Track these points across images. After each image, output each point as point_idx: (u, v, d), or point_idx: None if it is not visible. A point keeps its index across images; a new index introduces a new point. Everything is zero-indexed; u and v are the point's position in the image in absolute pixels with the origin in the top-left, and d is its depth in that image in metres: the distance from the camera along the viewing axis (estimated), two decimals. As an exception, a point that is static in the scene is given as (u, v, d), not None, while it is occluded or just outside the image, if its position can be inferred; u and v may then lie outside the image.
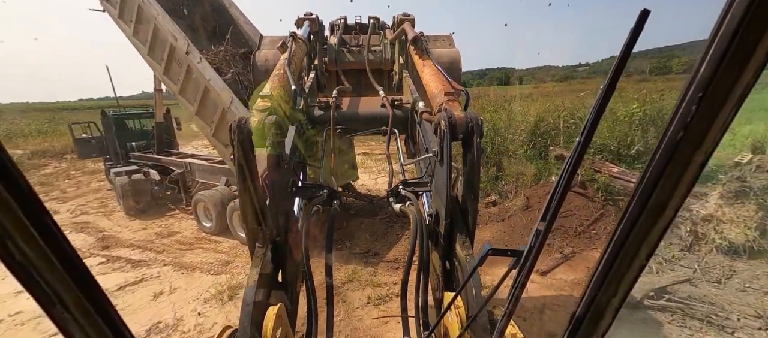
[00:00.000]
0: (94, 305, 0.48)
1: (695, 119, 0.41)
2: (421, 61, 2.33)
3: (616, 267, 0.54)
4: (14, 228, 0.38)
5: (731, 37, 0.37)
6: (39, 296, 0.43)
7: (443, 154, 1.42)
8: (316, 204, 1.73)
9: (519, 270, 0.72)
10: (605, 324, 0.60)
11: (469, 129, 1.40)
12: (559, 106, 9.01)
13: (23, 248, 0.39)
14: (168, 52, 6.09)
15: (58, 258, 0.43)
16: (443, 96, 1.72)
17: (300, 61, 2.54)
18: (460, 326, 1.17)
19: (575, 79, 45.10)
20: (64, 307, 0.45)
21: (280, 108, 1.62)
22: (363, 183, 9.87)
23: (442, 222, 1.49)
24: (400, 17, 3.09)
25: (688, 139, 0.42)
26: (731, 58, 0.37)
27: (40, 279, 0.42)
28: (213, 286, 5.02)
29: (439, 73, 2.05)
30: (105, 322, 0.49)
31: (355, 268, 5.38)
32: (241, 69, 6.39)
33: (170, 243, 6.71)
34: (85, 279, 0.46)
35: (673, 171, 0.45)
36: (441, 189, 1.49)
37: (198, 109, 6.14)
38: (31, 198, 0.39)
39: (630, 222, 0.50)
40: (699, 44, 0.41)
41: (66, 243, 0.44)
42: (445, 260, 1.56)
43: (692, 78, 0.41)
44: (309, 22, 3.09)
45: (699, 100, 0.40)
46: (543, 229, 0.64)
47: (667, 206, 0.48)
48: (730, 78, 0.38)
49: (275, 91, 1.68)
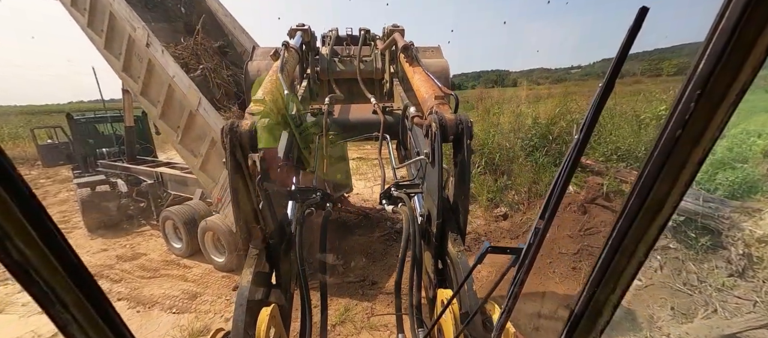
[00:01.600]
0: (94, 305, 0.49)
1: (693, 117, 0.41)
2: (412, 68, 2.36)
3: (615, 265, 0.55)
4: (12, 228, 0.39)
5: (730, 34, 0.37)
6: (38, 296, 0.44)
7: (435, 154, 1.48)
8: (310, 206, 1.74)
9: (518, 268, 0.74)
10: (603, 321, 0.61)
11: (460, 130, 1.45)
12: (572, 109, 8.21)
13: (21, 248, 0.40)
14: (126, 44, 5.15)
15: (58, 258, 0.44)
16: (434, 99, 1.75)
17: (292, 69, 2.58)
18: (453, 322, 1.20)
19: (569, 81, 44.99)
20: (64, 307, 0.46)
21: (272, 112, 1.62)
22: (358, 192, 8.98)
23: (434, 222, 1.55)
24: (390, 28, 3.19)
25: (687, 136, 0.43)
26: (729, 55, 0.37)
27: (39, 278, 0.43)
28: (173, 329, 4.07)
29: (429, 78, 2.09)
30: (105, 322, 0.50)
31: (349, 302, 4.48)
32: (213, 65, 5.46)
33: (131, 268, 5.72)
34: (84, 279, 0.47)
35: (671, 168, 0.45)
36: (433, 189, 1.57)
37: (162, 112, 5.20)
38: (30, 199, 0.40)
39: (628, 219, 0.51)
40: (689, 47, 0.50)
41: (65, 243, 0.45)
42: (438, 258, 1.61)
43: (690, 75, 0.41)
44: (301, 33, 3.12)
45: (697, 98, 0.40)
46: (542, 227, 0.66)
47: (665, 203, 0.48)
48: (728, 75, 0.38)
49: (268, 95, 1.67)
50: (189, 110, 4.75)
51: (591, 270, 0.59)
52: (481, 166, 7.86)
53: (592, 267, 0.58)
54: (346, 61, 3.62)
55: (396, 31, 3.10)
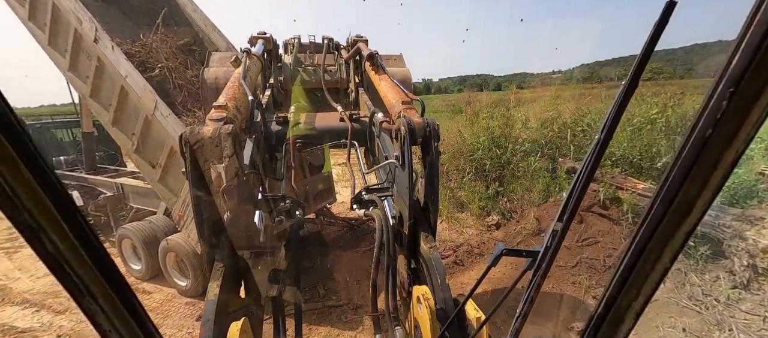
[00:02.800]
0: (121, 297, 0.52)
1: (725, 116, 0.40)
2: (378, 76, 2.41)
3: (638, 270, 0.53)
4: (47, 223, 0.42)
5: (766, 28, 0.35)
6: (70, 287, 0.48)
7: (405, 157, 1.53)
8: (279, 215, 1.69)
9: (535, 271, 0.74)
10: (625, 328, 0.58)
11: (428, 133, 1.53)
12: (562, 111, 7.98)
13: (55, 241, 0.44)
14: (72, 40, 4.50)
15: (87, 252, 0.47)
16: (401, 104, 1.79)
17: (255, 77, 2.53)
18: (430, 317, 1.24)
19: (551, 86, 46.06)
20: (93, 298, 0.49)
21: (236, 119, 1.54)
22: (343, 201, 8.46)
23: (405, 223, 1.61)
24: (354, 38, 3.22)
25: (718, 136, 0.41)
26: (767, 50, 0.35)
27: (70, 271, 0.47)
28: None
29: (395, 85, 2.14)
30: (130, 314, 0.54)
31: (329, 332, 3.96)
32: (175, 65, 4.87)
33: (81, 296, 4.99)
34: (112, 272, 0.50)
35: (701, 170, 0.44)
36: (403, 192, 1.61)
37: (115, 117, 4.56)
38: (63, 195, 0.44)
39: (653, 222, 0.49)
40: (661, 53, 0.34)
41: (95, 238, 0.48)
42: (411, 258, 1.67)
43: (722, 72, 0.39)
44: (263, 41, 3.02)
45: (730, 96, 0.39)
46: (560, 229, 0.65)
47: (694, 207, 0.46)
48: (764, 71, 0.36)
49: (230, 102, 1.60)
50: (145, 115, 4.15)
51: (613, 274, 0.56)
52: (472, 173, 7.49)
53: (615, 270, 0.56)
54: (310, 71, 3.57)
55: (360, 40, 3.15)
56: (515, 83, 15.76)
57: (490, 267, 0.81)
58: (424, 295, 1.30)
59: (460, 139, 8.14)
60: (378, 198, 1.84)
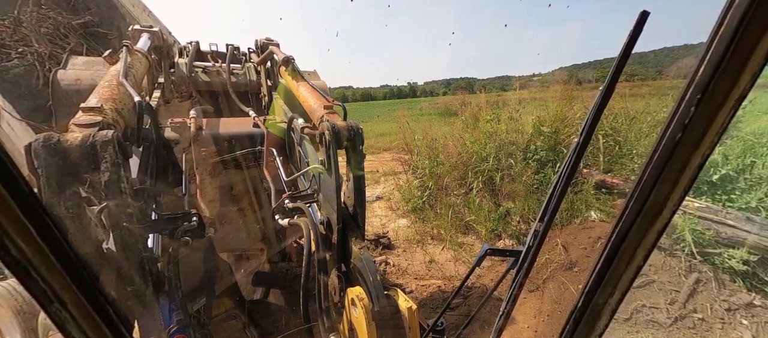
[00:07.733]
0: (92, 303, 0.49)
1: (693, 120, 0.42)
2: (296, 82, 2.34)
3: (613, 269, 0.55)
4: (11, 225, 0.40)
5: (730, 39, 0.37)
6: (36, 293, 0.45)
7: (330, 161, 1.51)
8: (184, 235, 1.49)
9: (517, 271, 0.79)
10: (602, 324, 0.62)
11: (352, 135, 1.52)
12: (566, 114, 6.74)
13: (20, 245, 0.41)
14: None
15: (56, 256, 0.44)
16: (323, 109, 1.77)
17: (141, 78, 2.14)
18: (365, 317, 1.22)
19: (531, 89, 47.41)
20: (62, 305, 0.47)
21: (118, 124, 1.35)
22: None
23: (334, 227, 1.59)
24: (264, 41, 3.11)
25: (687, 140, 0.43)
26: (730, 59, 0.38)
27: (37, 276, 0.44)
28: None
29: (314, 90, 2.10)
30: (103, 321, 0.51)
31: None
32: (58, 52, 3.64)
33: None
34: (83, 277, 0.47)
35: (671, 172, 0.46)
36: (330, 196, 1.59)
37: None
38: (29, 197, 0.40)
39: (627, 223, 0.51)
40: (635, 56, 0.37)
41: (64, 241, 0.45)
42: (342, 261, 1.64)
43: (691, 79, 0.41)
44: (149, 36, 2.58)
45: (697, 102, 0.41)
46: (541, 230, 0.71)
47: (665, 208, 0.48)
48: (728, 79, 0.39)
49: (107, 104, 1.36)
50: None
51: (589, 274, 0.59)
52: (479, 188, 6.23)
53: (591, 271, 0.58)
54: (213, 72, 3.25)
55: (271, 44, 3.01)
56: (498, 85, 15.74)
57: (475, 266, 0.79)
58: (358, 296, 1.29)
59: (461, 147, 6.91)
60: (304, 205, 1.80)
